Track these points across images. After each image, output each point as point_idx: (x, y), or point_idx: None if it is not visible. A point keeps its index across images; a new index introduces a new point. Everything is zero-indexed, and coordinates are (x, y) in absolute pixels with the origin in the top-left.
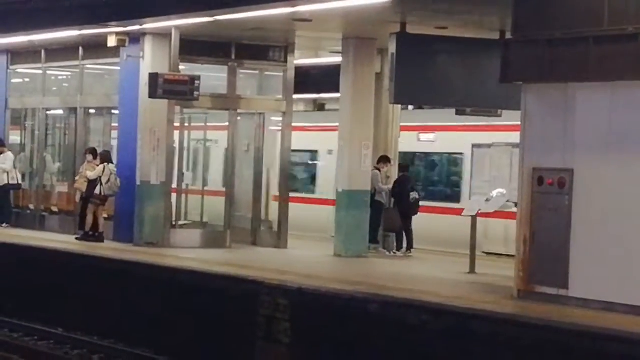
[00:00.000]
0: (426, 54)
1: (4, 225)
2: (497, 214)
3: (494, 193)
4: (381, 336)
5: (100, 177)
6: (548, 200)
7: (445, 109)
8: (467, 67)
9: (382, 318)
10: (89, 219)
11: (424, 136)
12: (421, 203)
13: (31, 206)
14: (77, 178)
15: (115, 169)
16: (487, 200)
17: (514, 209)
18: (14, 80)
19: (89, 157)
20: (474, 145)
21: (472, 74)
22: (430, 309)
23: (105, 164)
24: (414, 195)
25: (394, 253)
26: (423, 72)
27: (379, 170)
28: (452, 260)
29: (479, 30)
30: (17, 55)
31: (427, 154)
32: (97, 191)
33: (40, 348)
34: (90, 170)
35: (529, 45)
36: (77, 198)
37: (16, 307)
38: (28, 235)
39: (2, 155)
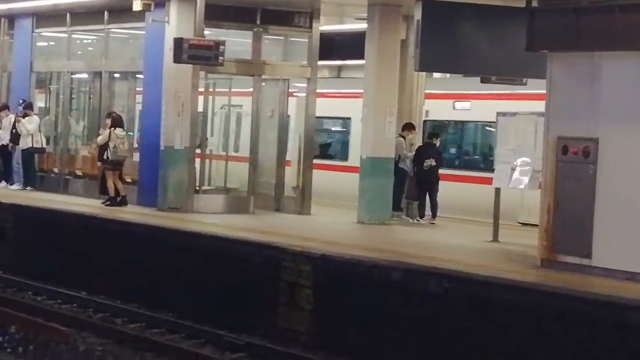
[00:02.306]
0: (451, 21)
1: (28, 188)
2: None
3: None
4: (403, 304)
5: (108, 141)
6: (572, 169)
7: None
8: (492, 35)
9: (405, 285)
10: (109, 184)
11: None
12: None
13: (55, 170)
14: (91, 143)
15: (124, 134)
16: (512, 169)
17: None
18: (39, 44)
19: (107, 121)
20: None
21: (497, 41)
22: (453, 277)
23: (112, 128)
24: (428, 162)
25: (417, 220)
26: (448, 40)
27: (404, 138)
28: (475, 229)
29: None
30: (42, 18)
31: None
32: (104, 156)
33: (63, 311)
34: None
35: (555, 14)
36: (98, 162)
37: (39, 271)
38: (52, 199)
39: (27, 118)
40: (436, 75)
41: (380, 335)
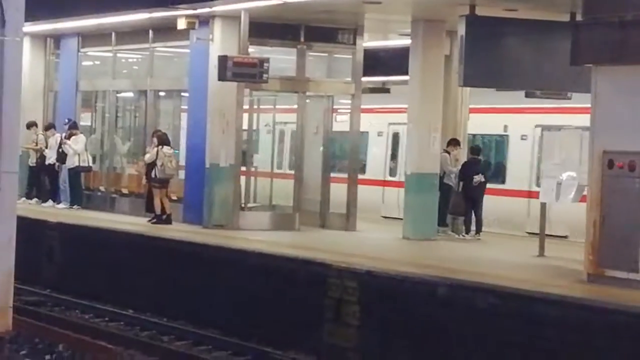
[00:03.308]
0: (495, 36)
1: (75, 207)
2: None
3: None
4: (449, 319)
5: (155, 160)
6: (618, 183)
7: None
8: (536, 49)
9: (451, 301)
10: (156, 202)
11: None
12: None
13: (102, 188)
14: (138, 161)
15: (172, 152)
16: (559, 183)
17: None
18: (84, 63)
19: (154, 139)
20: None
21: (541, 56)
22: (499, 292)
23: (160, 147)
24: (478, 178)
25: (463, 236)
26: (492, 55)
27: (449, 153)
28: (521, 244)
29: (549, 12)
30: (88, 38)
31: None
32: (152, 174)
33: (110, 329)
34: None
35: (600, 27)
36: (144, 180)
37: (86, 289)
38: (98, 217)
39: (74, 137)
40: None
41: (426, 351)
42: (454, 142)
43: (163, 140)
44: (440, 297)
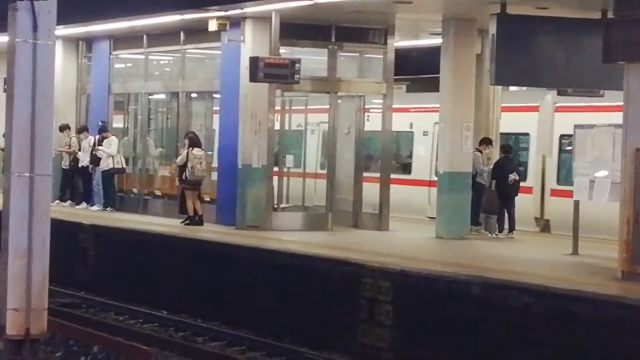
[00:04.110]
0: (527, 34)
1: (109, 209)
2: None
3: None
4: (483, 318)
5: (186, 162)
6: None
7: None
8: (568, 48)
9: (485, 300)
10: (188, 203)
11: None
12: None
13: (135, 190)
14: (172, 163)
15: (202, 153)
16: (592, 181)
17: None
18: (116, 66)
19: (185, 141)
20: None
21: (573, 54)
22: (533, 291)
23: (190, 149)
24: (513, 176)
25: (496, 235)
26: (524, 53)
27: (481, 152)
28: (554, 242)
29: (580, 9)
30: (119, 40)
31: None
32: (183, 176)
33: (144, 330)
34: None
35: (632, 25)
36: (177, 182)
37: (120, 291)
38: (132, 219)
39: (106, 140)
40: None
41: (461, 350)
42: (486, 141)
43: (194, 142)
44: (474, 296)
